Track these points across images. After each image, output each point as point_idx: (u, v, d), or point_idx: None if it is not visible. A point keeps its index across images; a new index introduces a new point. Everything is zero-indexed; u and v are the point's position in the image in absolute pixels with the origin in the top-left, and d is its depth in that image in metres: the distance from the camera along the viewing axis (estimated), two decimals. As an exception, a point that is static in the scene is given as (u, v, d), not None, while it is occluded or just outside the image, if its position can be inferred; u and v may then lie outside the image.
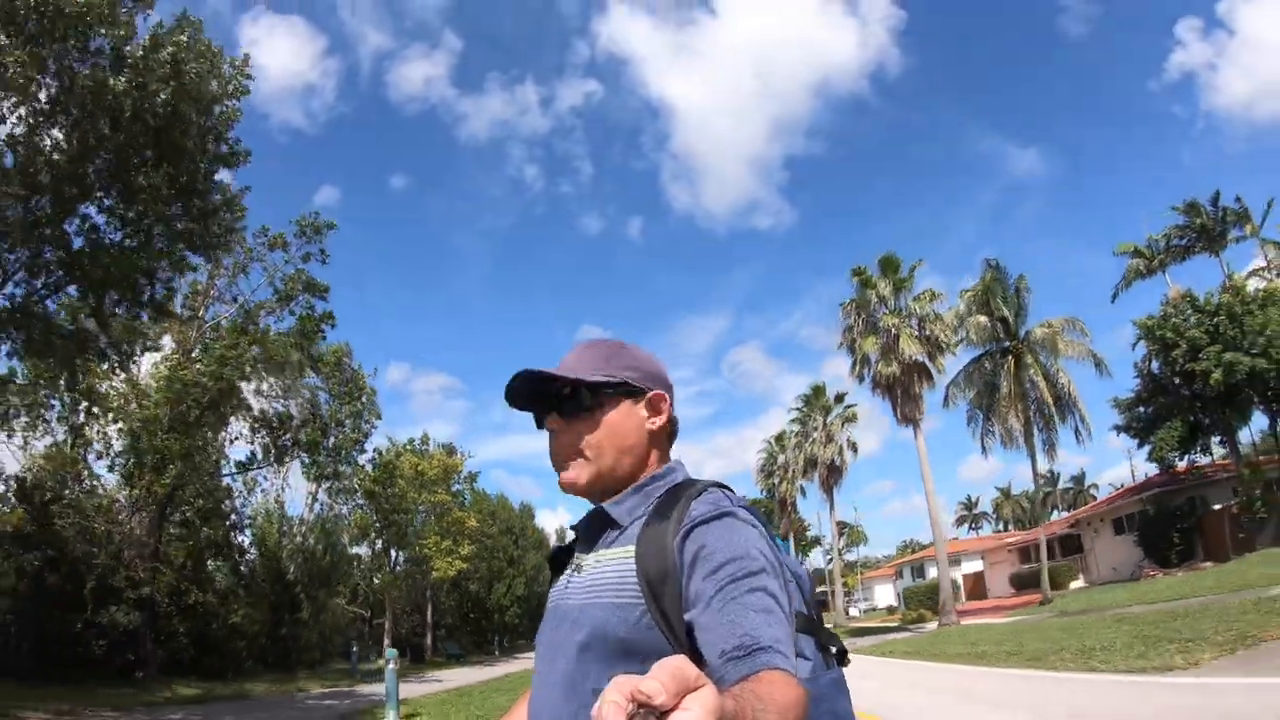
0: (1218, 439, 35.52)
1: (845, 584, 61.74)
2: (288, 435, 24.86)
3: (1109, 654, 12.93)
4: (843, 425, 45.73)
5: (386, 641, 30.89)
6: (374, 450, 33.72)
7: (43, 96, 13.49)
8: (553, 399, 1.53)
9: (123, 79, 12.96)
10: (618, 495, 1.50)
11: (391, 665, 13.66)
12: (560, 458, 1.53)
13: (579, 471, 1.50)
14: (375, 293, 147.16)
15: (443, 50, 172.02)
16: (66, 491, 22.19)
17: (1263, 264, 38.27)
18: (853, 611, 62.57)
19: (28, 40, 12.41)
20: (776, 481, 53.73)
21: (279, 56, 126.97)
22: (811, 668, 1.29)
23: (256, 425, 24.69)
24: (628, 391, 1.54)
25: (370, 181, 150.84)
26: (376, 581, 38.04)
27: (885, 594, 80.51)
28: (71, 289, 15.35)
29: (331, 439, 26.77)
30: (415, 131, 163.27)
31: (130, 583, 20.25)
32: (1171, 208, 38.87)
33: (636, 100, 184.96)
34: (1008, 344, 34.90)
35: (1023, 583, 45.13)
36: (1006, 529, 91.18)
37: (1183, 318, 32.10)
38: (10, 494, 21.30)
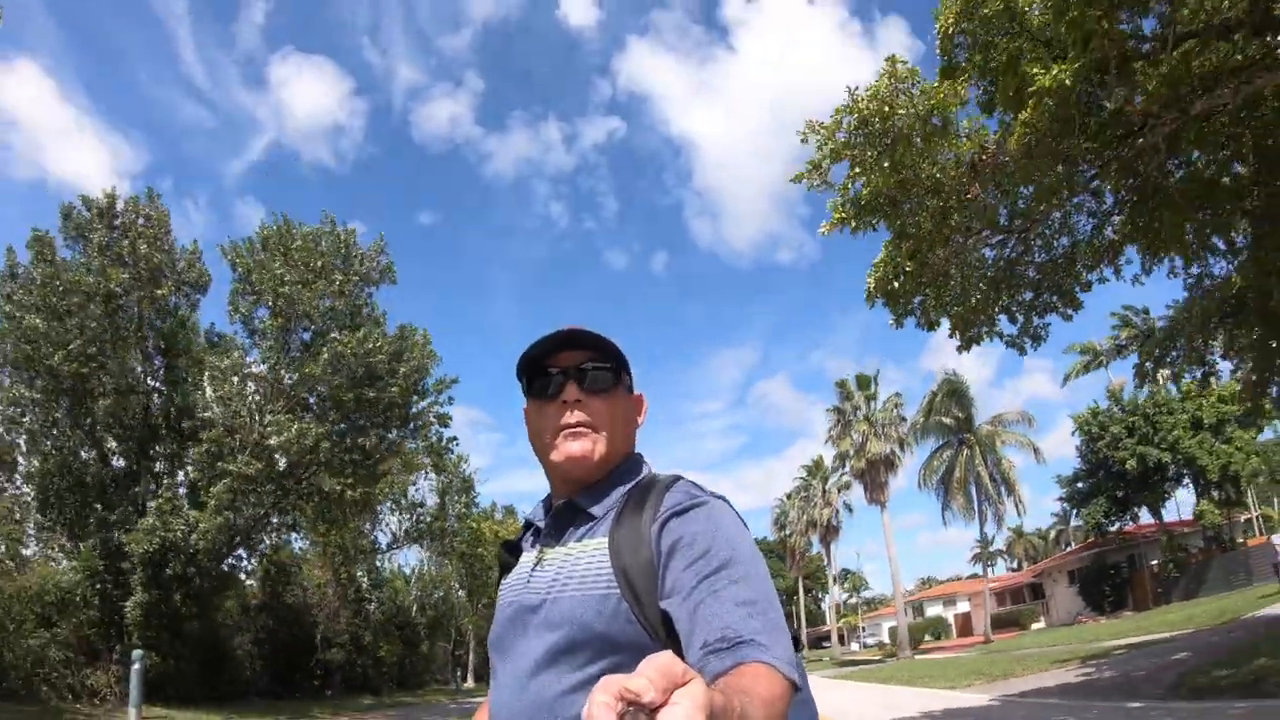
0: (1145, 509, 43.64)
1: (848, 623, 70.18)
2: (422, 523, 35.38)
3: (936, 679, 21.91)
4: (839, 492, 54.60)
5: (471, 666, 40.57)
6: (469, 522, 43.45)
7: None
8: (573, 370, 1.47)
9: None
10: (593, 487, 1.45)
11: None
12: (573, 431, 1.44)
13: (594, 448, 1.44)
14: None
15: (466, 90, 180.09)
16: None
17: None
18: (854, 646, 69.18)
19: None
20: (788, 534, 62.31)
21: (308, 97, 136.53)
22: None
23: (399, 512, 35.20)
24: (629, 386, 1.56)
25: (399, 218, 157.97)
26: (465, 621, 47.41)
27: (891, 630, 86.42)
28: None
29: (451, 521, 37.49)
30: (442, 169, 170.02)
31: (334, 633, 30.04)
32: (1111, 313, 46.63)
33: (658, 137, 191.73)
34: (963, 436, 43.78)
35: (998, 622, 52.24)
36: (1021, 567, 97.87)
37: (1108, 415, 40.45)
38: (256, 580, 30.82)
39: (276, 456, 21.98)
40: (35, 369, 20.47)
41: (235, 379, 21.78)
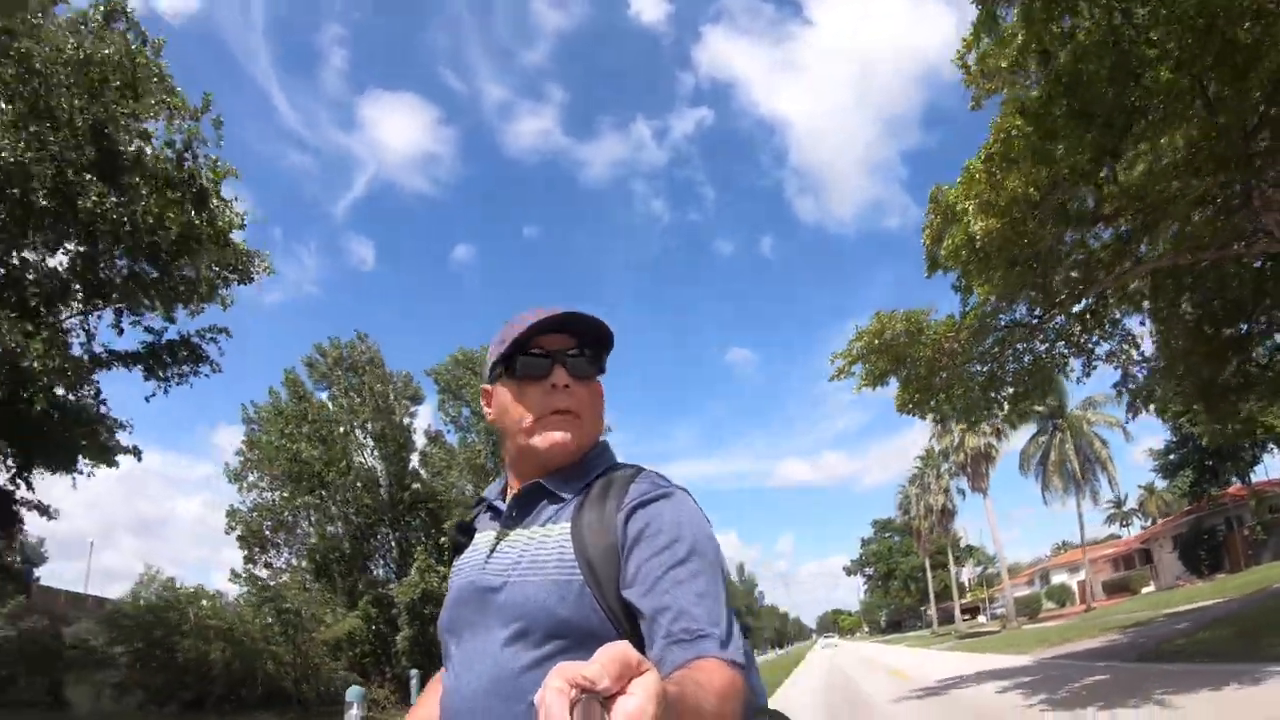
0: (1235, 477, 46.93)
1: (976, 596, 74.44)
2: None
3: (1010, 645, 27.29)
4: (950, 477, 59.34)
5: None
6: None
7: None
8: (560, 353, 1.45)
9: None
10: (561, 472, 1.45)
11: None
12: (560, 416, 1.43)
13: (574, 435, 1.44)
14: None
15: (550, 103, 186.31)
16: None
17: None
18: (981, 619, 72.59)
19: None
20: (911, 517, 67.29)
21: (399, 131, 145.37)
22: None
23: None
24: (602, 368, 1.53)
25: (503, 235, 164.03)
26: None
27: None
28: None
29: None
30: (538, 183, 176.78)
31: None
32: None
33: (749, 120, 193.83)
34: (1056, 421, 48.19)
35: (1112, 588, 55.79)
36: (1154, 524, 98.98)
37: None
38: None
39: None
40: (297, 479, 28.41)
41: (448, 464, 29.55)
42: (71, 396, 15.39)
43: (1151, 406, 20.26)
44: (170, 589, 29.37)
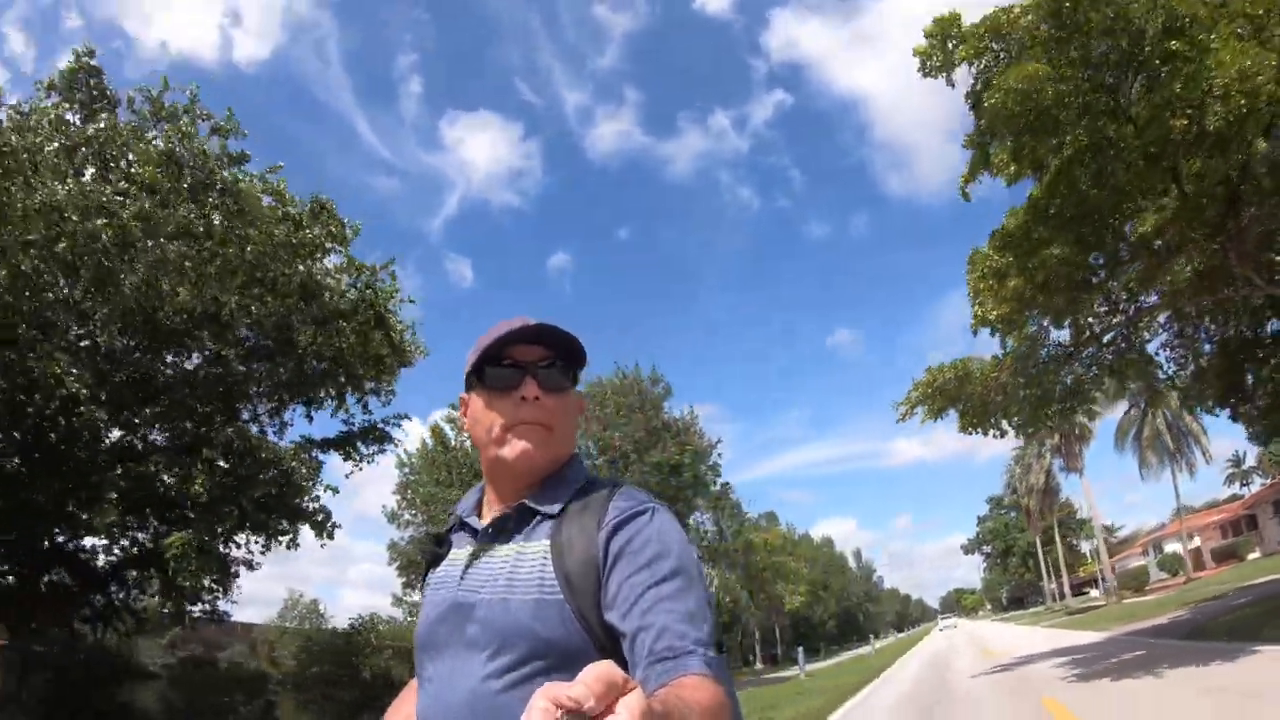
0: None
1: (1087, 570, 75.25)
2: (704, 546, 46.67)
3: (1095, 622, 29.94)
4: (1049, 458, 60.90)
5: (758, 653, 51.37)
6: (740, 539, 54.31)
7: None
8: (532, 365, 1.45)
9: None
10: (539, 488, 1.45)
11: (800, 660, 33.10)
12: (527, 428, 1.43)
13: (543, 447, 1.43)
14: (626, 341, 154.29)
15: (627, 104, 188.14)
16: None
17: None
18: (1093, 593, 73.18)
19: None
20: (1018, 495, 68.84)
21: (482, 149, 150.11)
22: None
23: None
24: (575, 382, 1.53)
25: (595, 238, 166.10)
26: (748, 616, 58.37)
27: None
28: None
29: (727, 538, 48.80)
30: (624, 184, 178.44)
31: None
32: None
33: (827, 99, 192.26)
34: (1145, 399, 49.61)
35: (1220, 555, 56.59)
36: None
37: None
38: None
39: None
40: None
41: None
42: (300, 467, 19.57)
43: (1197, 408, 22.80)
44: (314, 611, 33.96)
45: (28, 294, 13.83)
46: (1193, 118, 11.19)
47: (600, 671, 0.73)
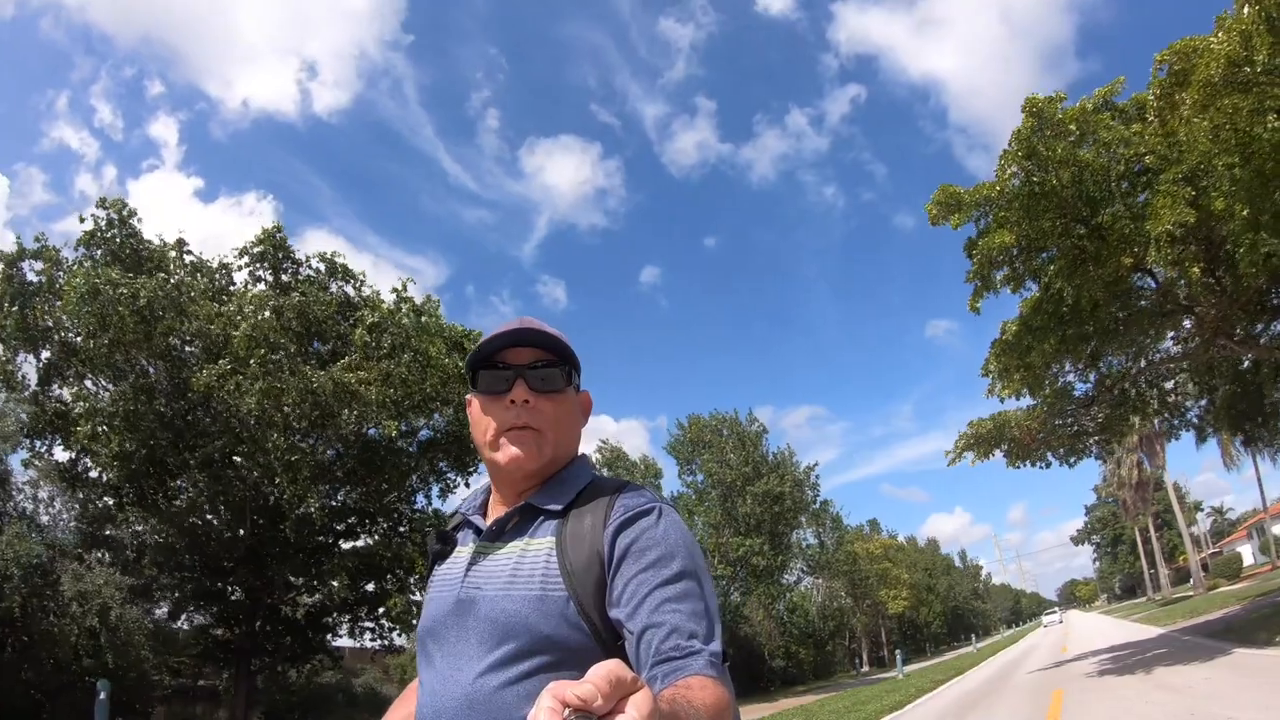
0: None
1: (1183, 560, 75.70)
2: (811, 558, 50.73)
3: (1165, 616, 32.84)
4: (1137, 454, 62.48)
5: (865, 654, 55.03)
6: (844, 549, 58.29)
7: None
8: (522, 368, 1.46)
9: None
10: (543, 487, 1.47)
11: (899, 661, 36.81)
12: (518, 433, 1.45)
13: (533, 452, 1.45)
14: (724, 353, 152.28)
15: (702, 114, 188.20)
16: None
17: None
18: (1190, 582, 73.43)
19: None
20: (1114, 488, 70.23)
21: (564, 173, 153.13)
22: None
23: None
24: (577, 386, 1.56)
25: (685, 250, 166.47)
26: (854, 621, 62.00)
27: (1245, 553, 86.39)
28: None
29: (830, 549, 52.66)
30: (707, 193, 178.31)
31: (773, 648, 45.86)
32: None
33: (901, 88, 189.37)
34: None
35: None
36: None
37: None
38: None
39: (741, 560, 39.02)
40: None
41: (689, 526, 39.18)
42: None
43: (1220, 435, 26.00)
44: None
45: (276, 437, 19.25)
46: (1138, 255, 15.03)
47: (608, 670, 0.74)
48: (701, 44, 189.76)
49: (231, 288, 22.58)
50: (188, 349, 19.90)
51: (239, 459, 19.55)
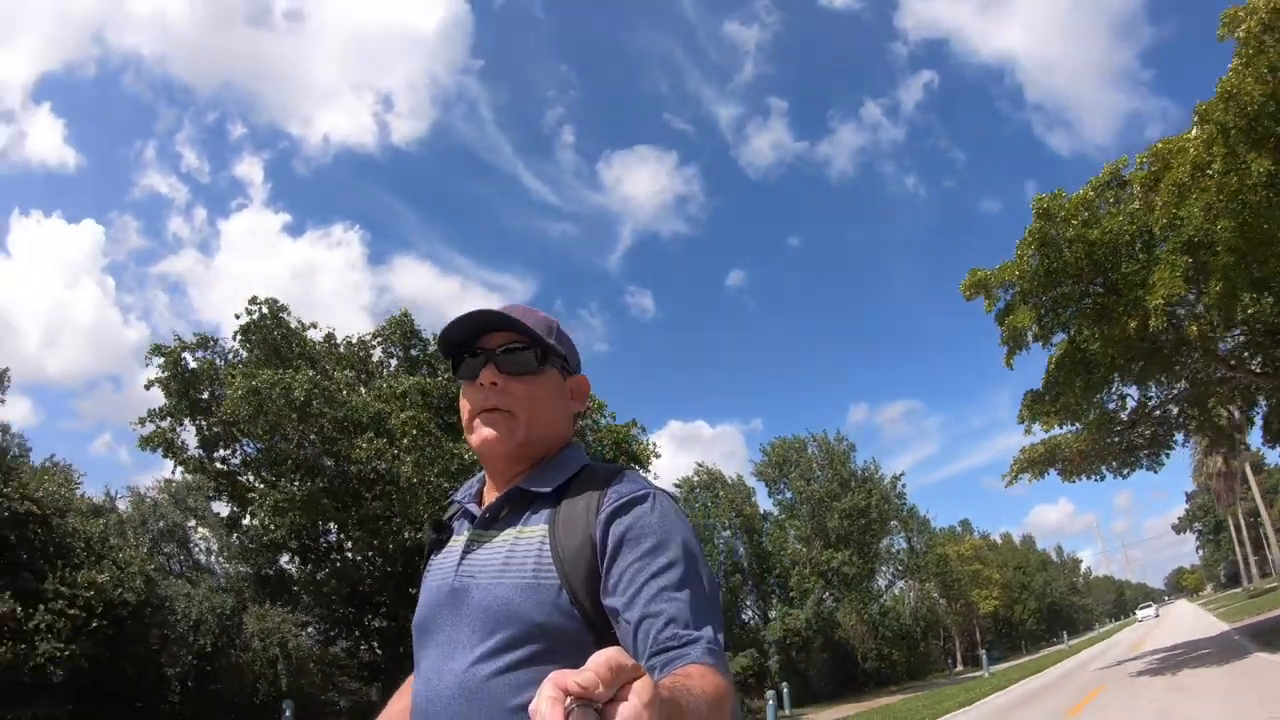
0: None
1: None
2: (901, 563, 53.32)
3: (1234, 615, 34.50)
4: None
5: (958, 654, 57.16)
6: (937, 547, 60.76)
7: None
8: (492, 352, 1.48)
9: None
10: (533, 472, 1.48)
11: (985, 661, 39.18)
12: (489, 415, 1.47)
13: (505, 432, 1.46)
14: (815, 351, 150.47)
15: (774, 114, 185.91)
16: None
17: None
18: None
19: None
20: (1205, 479, 70.46)
21: (643, 183, 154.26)
22: None
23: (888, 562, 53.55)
24: (563, 367, 1.56)
25: (769, 251, 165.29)
26: (949, 621, 64.03)
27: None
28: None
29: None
30: (788, 193, 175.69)
31: (866, 651, 48.71)
32: None
33: (974, 71, 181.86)
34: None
35: None
36: None
37: None
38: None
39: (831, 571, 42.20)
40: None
41: (783, 540, 42.08)
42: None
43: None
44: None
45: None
46: (1141, 319, 17.73)
47: (609, 657, 0.74)
48: (768, 44, 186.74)
49: (370, 362, 26.64)
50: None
51: (393, 515, 23.34)
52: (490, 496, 1.53)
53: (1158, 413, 24.97)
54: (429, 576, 1.51)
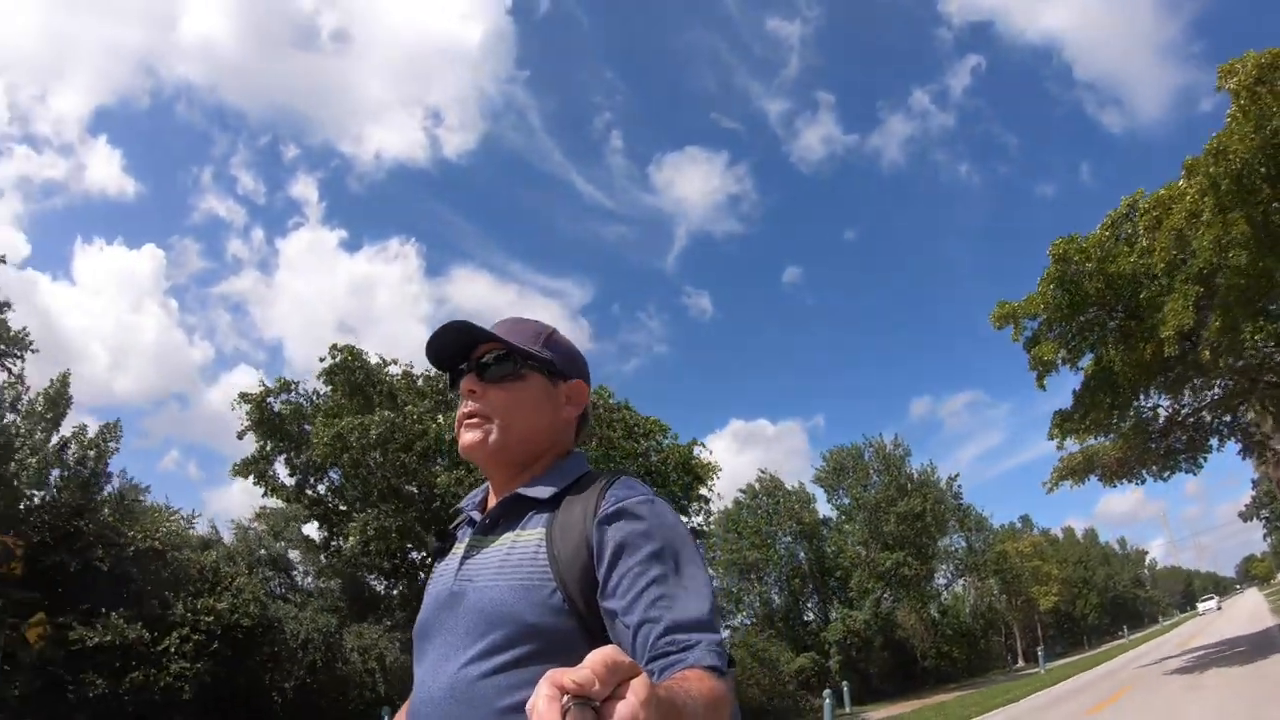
0: None
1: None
2: (960, 562, 54.65)
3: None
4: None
5: (1019, 650, 58.12)
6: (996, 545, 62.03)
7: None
8: (474, 363, 1.56)
9: None
10: (531, 478, 1.52)
11: (1041, 658, 40.44)
12: (468, 421, 1.53)
13: (482, 437, 1.52)
14: (875, 345, 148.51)
15: (822, 108, 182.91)
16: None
17: None
18: None
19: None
20: (1267, 466, 70.18)
21: (696, 184, 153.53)
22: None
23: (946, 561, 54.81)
24: (550, 371, 1.59)
25: (823, 248, 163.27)
26: (1010, 617, 65.01)
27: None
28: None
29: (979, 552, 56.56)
30: (840, 186, 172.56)
31: (925, 649, 50.01)
32: None
33: (1021, 52, 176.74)
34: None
35: None
36: None
37: None
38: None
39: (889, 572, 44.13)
40: (744, 570, 44.02)
41: (842, 544, 43.87)
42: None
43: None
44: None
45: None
46: (1157, 345, 19.25)
47: (605, 655, 0.75)
48: (811, 38, 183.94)
49: (447, 393, 29.01)
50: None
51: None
52: (492, 503, 1.58)
53: (1191, 420, 26.14)
54: (431, 583, 1.54)
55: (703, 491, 28.86)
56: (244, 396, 24.72)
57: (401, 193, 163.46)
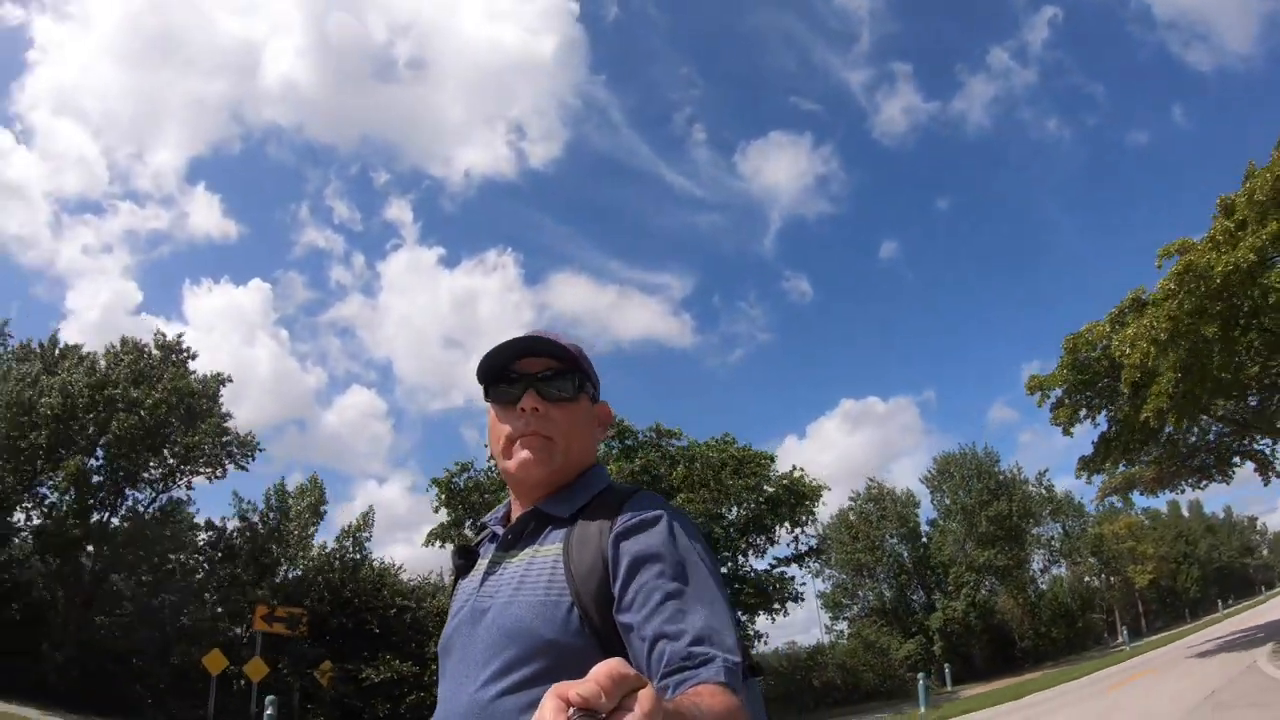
0: None
1: None
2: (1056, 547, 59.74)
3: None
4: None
5: (1119, 628, 62.52)
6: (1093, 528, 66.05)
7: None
8: (532, 377, 1.52)
9: None
10: (555, 494, 1.52)
11: (1124, 635, 45.33)
12: (529, 440, 1.50)
13: (544, 458, 1.50)
14: (978, 312, 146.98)
15: (900, 77, 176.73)
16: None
17: None
18: None
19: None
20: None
21: (782, 169, 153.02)
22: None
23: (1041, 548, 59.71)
24: (592, 394, 1.61)
25: (917, 218, 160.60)
26: (1109, 595, 69.20)
27: None
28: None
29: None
30: (928, 156, 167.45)
31: (1023, 630, 55.11)
32: None
33: None
34: None
35: None
36: None
37: None
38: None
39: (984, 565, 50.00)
40: (857, 570, 50.32)
41: (943, 543, 50.00)
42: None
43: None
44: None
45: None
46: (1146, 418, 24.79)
47: (610, 668, 0.74)
48: (881, 9, 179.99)
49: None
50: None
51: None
52: (514, 518, 1.58)
53: (1218, 441, 30.97)
54: (454, 600, 1.56)
55: (815, 510, 34.33)
56: (435, 482, 30.53)
57: (494, 206, 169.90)
